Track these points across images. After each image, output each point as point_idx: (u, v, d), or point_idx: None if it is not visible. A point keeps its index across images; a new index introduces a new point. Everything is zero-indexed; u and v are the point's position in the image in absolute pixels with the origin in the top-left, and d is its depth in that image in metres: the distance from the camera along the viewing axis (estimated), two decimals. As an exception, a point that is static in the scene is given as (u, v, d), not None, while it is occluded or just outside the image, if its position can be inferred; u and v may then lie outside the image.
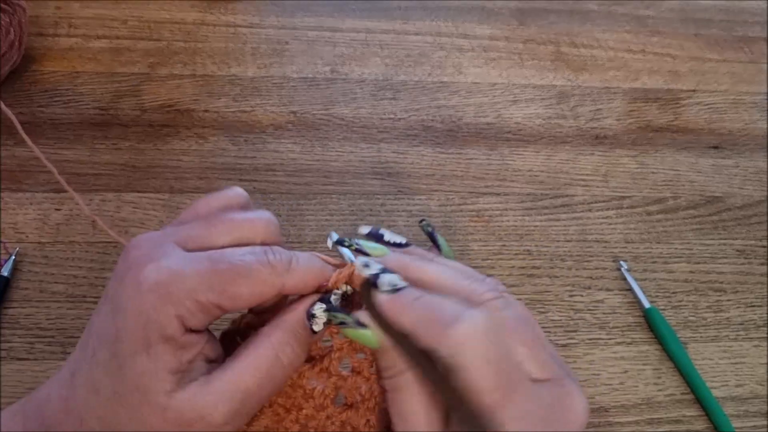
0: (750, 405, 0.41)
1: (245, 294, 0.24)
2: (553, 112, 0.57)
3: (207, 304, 0.23)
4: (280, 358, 0.24)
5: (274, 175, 0.49)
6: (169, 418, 0.23)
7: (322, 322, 0.24)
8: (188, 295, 0.23)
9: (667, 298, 0.45)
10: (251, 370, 0.24)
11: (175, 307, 0.23)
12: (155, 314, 0.22)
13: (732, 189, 0.53)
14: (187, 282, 0.23)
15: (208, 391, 0.23)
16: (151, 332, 0.22)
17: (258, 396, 0.24)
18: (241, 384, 0.23)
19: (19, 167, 0.46)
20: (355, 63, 0.58)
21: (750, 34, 0.67)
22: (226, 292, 0.23)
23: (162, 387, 0.22)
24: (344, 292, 0.25)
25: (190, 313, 0.23)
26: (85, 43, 0.55)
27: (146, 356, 0.22)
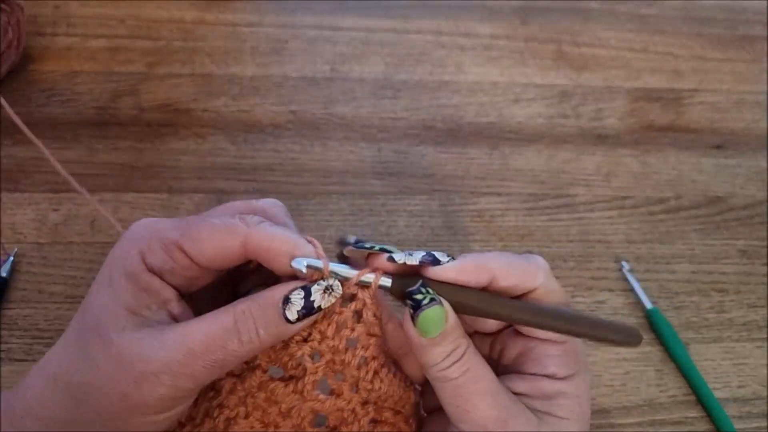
0: (752, 406, 0.41)
1: (206, 237, 0.24)
2: (554, 112, 0.56)
3: (168, 243, 0.24)
4: (238, 329, 0.23)
5: (273, 174, 0.49)
6: (112, 355, 0.22)
7: (296, 310, 0.23)
8: (152, 234, 0.24)
9: (669, 299, 0.45)
10: (203, 329, 0.23)
11: (137, 244, 0.24)
12: (120, 251, 0.24)
13: (734, 189, 0.53)
14: (157, 226, 0.24)
15: (156, 338, 0.22)
16: (113, 268, 0.24)
17: (203, 359, 0.22)
18: (188, 339, 0.22)
19: (18, 168, 0.46)
20: (355, 62, 0.57)
21: (752, 33, 0.67)
22: (189, 233, 0.24)
23: (116, 323, 0.23)
24: (328, 285, 0.24)
25: (150, 250, 0.24)
26: (84, 42, 0.55)
27: (107, 290, 0.23)
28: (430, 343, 0.24)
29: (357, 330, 0.25)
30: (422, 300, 0.23)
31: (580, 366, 0.26)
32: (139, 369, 0.22)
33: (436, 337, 0.24)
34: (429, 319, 0.23)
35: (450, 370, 0.24)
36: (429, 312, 0.23)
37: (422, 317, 0.23)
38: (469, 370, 0.24)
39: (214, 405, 0.26)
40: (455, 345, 0.24)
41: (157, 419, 0.23)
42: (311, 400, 0.25)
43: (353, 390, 0.26)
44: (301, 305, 0.23)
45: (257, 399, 0.26)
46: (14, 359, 0.38)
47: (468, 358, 0.24)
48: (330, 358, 0.25)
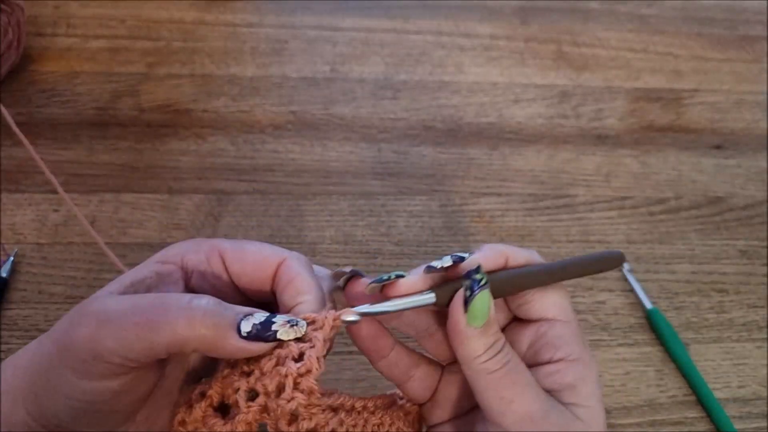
0: (752, 406, 0.41)
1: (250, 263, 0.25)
2: (554, 112, 0.56)
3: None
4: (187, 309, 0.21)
5: (273, 175, 0.49)
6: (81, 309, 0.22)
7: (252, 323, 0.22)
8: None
9: (669, 299, 0.45)
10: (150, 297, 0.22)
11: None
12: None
13: (734, 189, 0.53)
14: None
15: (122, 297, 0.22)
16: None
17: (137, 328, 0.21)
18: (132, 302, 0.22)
19: (18, 168, 0.46)
20: (355, 62, 0.57)
21: (752, 33, 0.67)
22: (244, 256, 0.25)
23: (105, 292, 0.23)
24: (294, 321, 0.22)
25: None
26: (84, 42, 0.55)
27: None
28: (474, 334, 0.24)
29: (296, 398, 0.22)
30: (480, 280, 0.24)
31: (587, 349, 0.27)
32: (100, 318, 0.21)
33: (481, 328, 0.24)
34: (480, 305, 0.24)
35: (492, 361, 0.24)
36: (481, 296, 0.24)
37: (479, 298, 0.24)
38: (510, 362, 0.25)
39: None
40: (497, 336, 0.25)
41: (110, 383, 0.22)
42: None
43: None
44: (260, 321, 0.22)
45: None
46: (14, 360, 0.38)
47: (508, 350, 0.25)
48: (264, 402, 0.22)
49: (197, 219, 0.45)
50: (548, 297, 0.27)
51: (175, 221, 0.45)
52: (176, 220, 0.45)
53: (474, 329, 0.24)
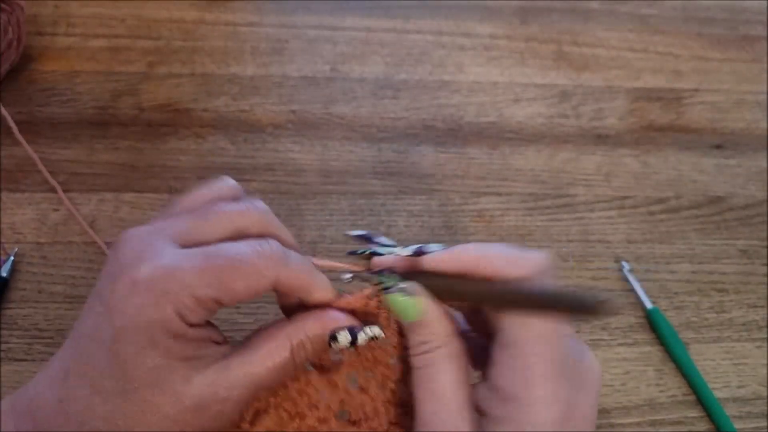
0: (752, 406, 0.41)
1: (242, 287, 0.24)
2: (555, 112, 0.56)
3: (205, 300, 0.23)
4: (293, 358, 0.25)
5: (273, 174, 0.49)
6: (188, 405, 0.23)
7: (341, 348, 0.26)
8: (186, 292, 0.23)
9: (669, 299, 0.45)
10: (268, 363, 0.24)
11: (173, 305, 0.23)
12: (157, 313, 0.22)
13: (734, 189, 0.53)
14: (185, 279, 0.23)
15: (227, 377, 0.24)
16: (155, 332, 0.23)
17: (269, 386, 0.25)
18: (256, 375, 0.24)
19: (18, 167, 0.46)
20: (355, 62, 0.57)
21: (752, 33, 0.67)
22: (223, 287, 0.23)
23: (178, 376, 0.23)
24: (374, 336, 0.25)
25: (188, 310, 0.23)
26: (84, 42, 0.55)
27: (155, 352, 0.23)
28: (407, 326, 0.26)
29: (390, 329, 0.26)
30: (385, 284, 0.26)
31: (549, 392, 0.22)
32: (215, 409, 0.23)
33: (411, 324, 0.25)
34: (392, 303, 0.25)
35: (415, 358, 0.25)
36: (391, 297, 0.25)
37: (392, 300, 0.25)
38: (430, 367, 0.25)
39: None
40: (426, 338, 0.25)
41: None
42: (343, 392, 0.26)
43: (380, 388, 0.27)
44: (348, 345, 0.25)
45: (290, 390, 0.26)
46: (14, 359, 0.38)
47: (435, 356, 0.25)
48: (363, 353, 0.26)
49: (197, 218, 0.45)
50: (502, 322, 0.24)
51: (175, 220, 0.45)
52: (176, 220, 0.45)
53: (406, 322, 0.25)
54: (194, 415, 0.23)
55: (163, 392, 0.23)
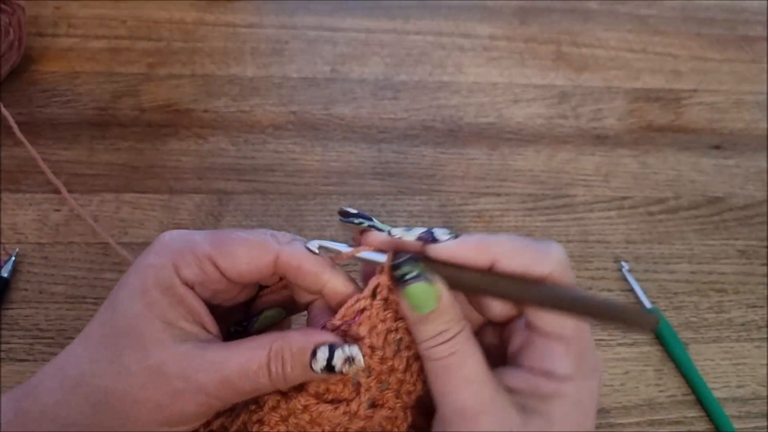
0: (751, 406, 0.41)
1: (240, 253, 0.24)
2: (554, 112, 0.56)
3: (202, 256, 0.24)
4: (269, 366, 0.24)
5: (273, 175, 0.49)
6: (151, 366, 0.23)
7: (320, 367, 0.24)
8: (185, 246, 0.24)
9: (668, 299, 0.45)
10: (240, 360, 0.24)
11: (171, 256, 0.24)
12: (153, 261, 0.24)
13: (733, 189, 0.53)
14: (190, 237, 0.25)
15: (196, 358, 0.23)
16: (146, 278, 0.24)
17: (234, 387, 0.24)
18: (224, 366, 0.23)
19: (19, 168, 0.46)
20: (355, 62, 0.57)
21: (751, 33, 0.67)
22: (223, 248, 0.24)
23: (153, 335, 0.23)
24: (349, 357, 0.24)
25: (184, 262, 0.24)
26: (84, 43, 0.55)
27: (140, 299, 0.23)
28: (420, 320, 0.24)
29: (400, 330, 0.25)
30: (407, 274, 0.24)
31: (587, 370, 0.24)
32: (177, 385, 0.23)
33: (427, 315, 0.24)
34: (413, 295, 0.24)
35: (436, 349, 0.24)
36: (413, 288, 0.23)
37: (406, 292, 0.24)
38: (455, 354, 0.24)
39: (253, 419, 0.26)
40: (446, 326, 0.24)
41: (183, 429, 0.24)
42: (363, 419, 0.25)
43: (397, 397, 0.26)
44: (325, 365, 0.24)
45: (300, 420, 0.25)
46: (15, 359, 0.38)
47: (457, 342, 0.24)
48: (379, 370, 0.25)
49: (198, 219, 0.45)
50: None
51: (175, 221, 0.45)
52: (177, 220, 0.45)
53: (420, 316, 0.24)
54: (152, 379, 0.23)
55: (132, 345, 0.23)
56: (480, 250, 0.24)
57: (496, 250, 0.24)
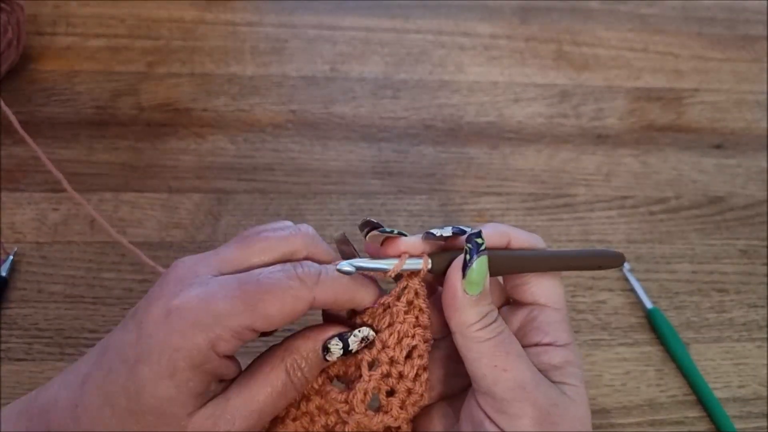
0: (752, 406, 0.41)
1: (275, 312, 0.24)
2: (555, 111, 0.56)
3: (238, 329, 0.23)
4: (291, 381, 0.25)
5: (273, 174, 0.48)
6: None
7: (337, 356, 0.25)
8: (218, 321, 0.23)
9: (669, 299, 0.45)
10: (267, 390, 0.25)
11: (205, 334, 0.23)
12: (183, 342, 0.23)
13: (735, 189, 0.53)
14: (217, 308, 0.23)
15: (227, 410, 0.24)
16: (178, 360, 0.23)
17: (271, 413, 0.25)
18: (256, 404, 0.24)
19: (17, 167, 0.46)
20: (355, 61, 0.57)
21: (752, 32, 0.67)
22: (257, 313, 0.23)
23: (184, 410, 0.23)
24: (365, 336, 0.25)
25: (221, 339, 0.23)
26: (83, 41, 0.55)
27: (170, 382, 0.23)
28: (470, 302, 0.25)
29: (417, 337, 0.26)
30: (481, 245, 0.25)
31: (573, 336, 0.28)
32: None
33: (477, 296, 0.25)
34: (482, 268, 0.25)
35: (486, 330, 0.25)
36: (483, 260, 0.25)
37: (478, 263, 0.25)
38: (504, 332, 0.25)
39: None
40: (490, 308, 0.26)
41: None
42: (359, 413, 0.25)
43: (402, 407, 0.26)
44: (341, 353, 0.25)
45: (310, 405, 0.26)
46: (14, 359, 0.38)
47: (501, 322, 0.26)
48: (387, 370, 0.25)
49: (197, 218, 0.45)
50: (544, 283, 0.28)
51: (174, 220, 0.45)
52: (176, 219, 0.45)
53: (470, 297, 0.25)
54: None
55: (167, 423, 0.23)
56: (500, 233, 0.27)
57: (508, 230, 0.27)
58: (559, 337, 0.27)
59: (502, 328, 0.26)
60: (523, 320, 0.28)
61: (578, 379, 0.26)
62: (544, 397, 0.24)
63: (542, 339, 0.27)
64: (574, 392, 0.26)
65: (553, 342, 0.27)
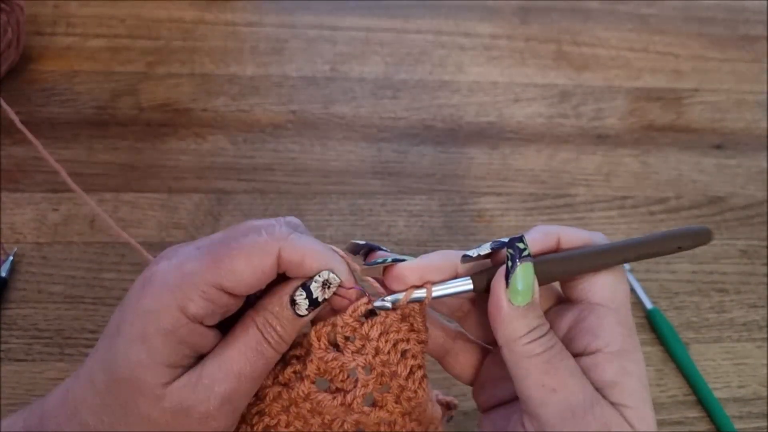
0: (752, 406, 0.41)
1: (242, 266, 0.23)
2: (554, 111, 0.56)
3: (205, 287, 0.23)
4: (266, 338, 0.24)
5: (273, 174, 0.48)
6: (166, 408, 0.23)
7: (304, 308, 0.24)
8: (185, 281, 0.23)
9: (669, 299, 0.45)
10: (240, 349, 0.24)
11: (173, 295, 0.22)
12: (153, 304, 0.23)
13: (735, 189, 0.53)
14: (185, 268, 0.23)
15: (203, 376, 0.23)
16: (148, 324, 0.22)
17: (250, 375, 0.24)
18: (231, 364, 0.24)
19: (17, 167, 0.46)
20: (355, 61, 0.57)
21: (752, 32, 0.67)
22: (222, 268, 0.23)
23: (157, 379, 0.23)
24: (325, 280, 0.24)
25: (189, 300, 0.22)
26: (83, 42, 0.55)
27: (141, 346, 0.22)
28: (516, 314, 0.23)
29: (411, 341, 0.25)
30: (523, 250, 0.23)
31: (635, 343, 0.24)
32: (200, 411, 0.23)
33: (524, 307, 0.23)
34: (526, 275, 0.23)
35: (535, 344, 0.23)
36: (527, 267, 0.23)
37: (521, 270, 0.23)
38: (555, 347, 0.23)
39: (253, 412, 0.26)
40: (541, 321, 0.23)
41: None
42: (358, 412, 0.25)
43: (396, 402, 0.26)
44: (307, 303, 0.24)
45: (301, 409, 0.26)
46: (14, 359, 0.38)
47: (552, 336, 0.23)
48: (380, 371, 0.25)
49: (197, 218, 0.45)
50: (597, 278, 0.24)
51: (174, 220, 0.45)
52: (176, 219, 0.45)
53: (516, 308, 0.23)
54: (175, 417, 0.23)
55: (142, 392, 0.23)
56: (547, 235, 0.25)
57: (557, 230, 0.25)
58: (612, 341, 0.23)
59: (554, 342, 0.23)
60: (572, 322, 0.24)
61: (640, 398, 0.23)
62: (597, 423, 0.22)
63: (590, 343, 0.23)
64: (635, 416, 0.22)
65: (603, 348, 0.23)
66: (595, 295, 0.24)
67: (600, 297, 0.24)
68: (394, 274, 0.24)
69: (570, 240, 0.25)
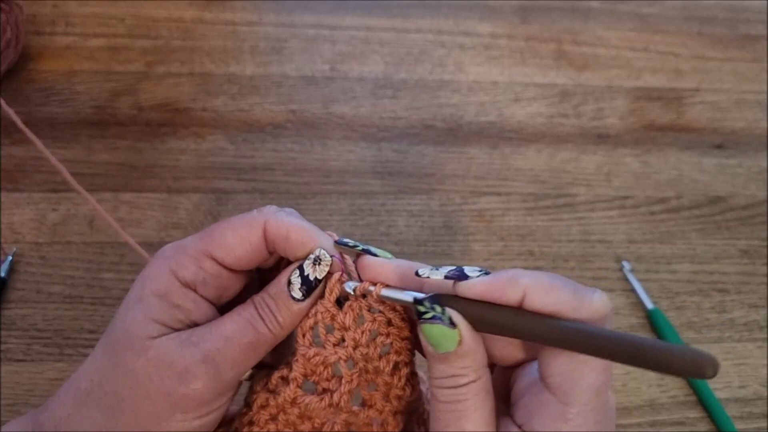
0: (753, 406, 0.41)
1: (229, 237, 0.25)
2: (555, 111, 0.56)
3: (196, 254, 0.25)
4: (260, 314, 0.25)
5: (272, 174, 0.48)
6: (150, 358, 0.23)
7: (297, 288, 0.25)
8: (179, 250, 0.25)
9: (669, 299, 0.45)
10: (233, 318, 0.24)
11: (166, 262, 0.25)
12: (151, 271, 0.25)
13: (735, 189, 0.52)
14: (181, 243, 0.25)
15: (192, 334, 0.24)
16: (145, 287, 0.24)
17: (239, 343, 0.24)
18: (223, 328, 0.24)
19: (16, 167, 0.46)
20: (354, 61, 0.57)
21: (753, 32, 0.67)
22: (213, 238, 0.25)
23: (147, 332, 0.23)
24: (316, 257, 0.25)
25: (180, 265, 0.24)
26: (82, 41, 0.55)
27: (137, 306, 0.24)
28: (437, 357, 0.22)
29: (391, 335, 0.25)
30: (424, 313, 0.22)
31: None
32: (182, 364, 0.23)
33: (445, 355, 0.22)
34: (430, 335, 0.22)
35: (444, 391, 0.22)
36: (429, 328, 0.22)
37: (423, 330, 0.22)
38: (462, 403, 0.22)
39: (244, 421, 0.26)
40: (461, 372, 0.22)
41: (197, 416, 0.24)
42: (346, 412, 0.25)
43: (385, 400, 0.26)
44: (300, 282, 0.25)
45: (290, 415, 0.26)
46: (13, 359, 0.37)
47: (469, 391, 0.22)
48: (363, 366, 0.25)
49: (196, 218, 0.45)
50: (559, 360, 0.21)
51: (174, 220, 0.45)
52: (175, 219, 0.45)
53: (436, 353, 0.22)
54: (158, 370, 0.23)
55: (131, 345, 0.23)
56: (511, 285, 0.21)
57: (527, 283, 0.21)
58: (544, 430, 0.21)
59: (465, 397, 0.22)
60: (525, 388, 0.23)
61: None
62: None
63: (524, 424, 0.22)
64: None
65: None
66: (548, 377, 0.21)
67: (552, 382, 0.21)
68: (365, 263, 0.25)
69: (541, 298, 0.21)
